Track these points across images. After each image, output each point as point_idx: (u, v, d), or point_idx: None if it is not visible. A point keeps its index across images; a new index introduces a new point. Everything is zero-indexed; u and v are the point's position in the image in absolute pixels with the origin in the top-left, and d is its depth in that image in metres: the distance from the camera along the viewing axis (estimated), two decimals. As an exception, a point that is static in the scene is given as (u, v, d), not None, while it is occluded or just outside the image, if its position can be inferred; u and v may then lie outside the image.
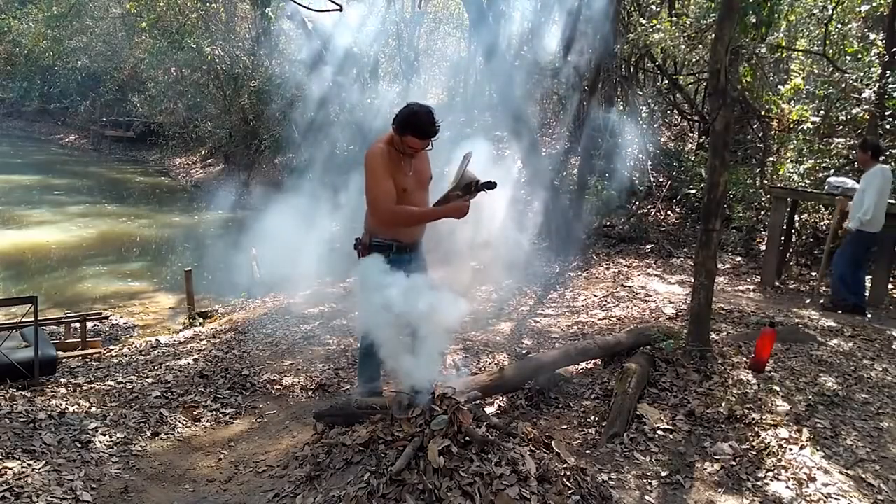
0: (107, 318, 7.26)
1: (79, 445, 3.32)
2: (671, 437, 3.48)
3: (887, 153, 8.00)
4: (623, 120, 9.82)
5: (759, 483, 3.08)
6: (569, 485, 2.63)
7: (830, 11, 9.09)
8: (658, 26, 9.11)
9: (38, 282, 9.49)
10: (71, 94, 26.13)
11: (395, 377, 3.27)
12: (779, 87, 9.99)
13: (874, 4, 8.70)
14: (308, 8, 4.95)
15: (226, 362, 4.99)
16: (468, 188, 3.14)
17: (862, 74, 8.25)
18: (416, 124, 3.15)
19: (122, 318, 7.88)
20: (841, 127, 8.59)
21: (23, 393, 3.96)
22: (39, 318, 4.37)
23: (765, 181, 8.89)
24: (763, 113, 9.79)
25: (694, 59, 10.73)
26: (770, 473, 3.13)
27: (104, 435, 3.48)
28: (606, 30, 8.75)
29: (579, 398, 4.01)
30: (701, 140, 10.44)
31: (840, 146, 8.48)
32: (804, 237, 8.36)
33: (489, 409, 3.79)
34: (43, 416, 3.54)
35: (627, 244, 8.69)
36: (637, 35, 9.31)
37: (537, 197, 8.39)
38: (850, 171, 8.25)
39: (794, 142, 9.00)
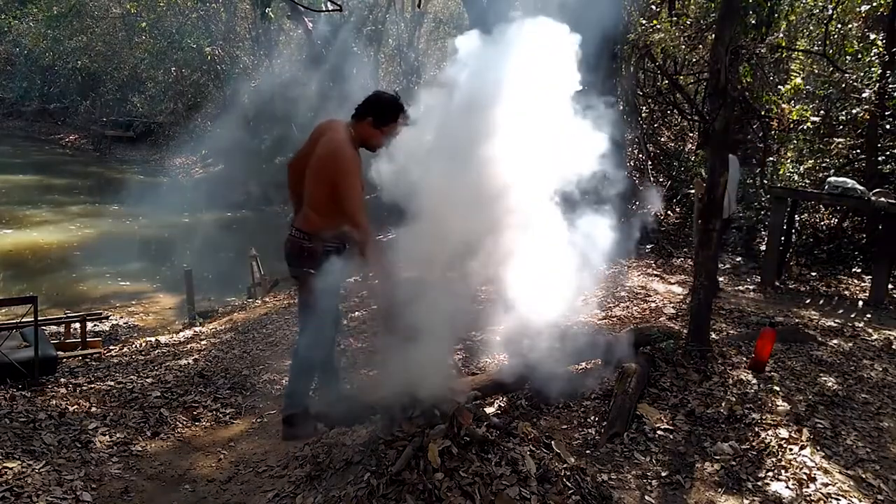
0: (107, 318, 7.26)
1: (79, 445, 3.32)
2: (671, 437, 3.48)
3: (888, 153, 8.01)
4: (623, 119, 9.81)
5: (760, 483, 3.08)
6: (569, 485, 2.63)
7: (830, 11, 9.08)
8: (658, 26, 9.11)
9: (38, 282, 9.49)
10: (71, 94, 26.14)
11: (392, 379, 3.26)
12: (779, 87, 9.99)
13: (874, 4, 8.69)
14: (308, 8, 4.95)
15: (226, 362, 4.99)
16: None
17: (862, 74, 8.25)
18: (400, 105, 3.12)
19: (122, 318, 7.89)
20: (841, 127, 8.59)
21: (23, 393, 3.96)
22: (39, 318, 4.37)
23: (765, 181, 8.89)
24: (763, 113, 9.79)
25: (694, 59, 10.73)
26: (770, 473, 3.13)
27: (104, 435, 3.48)
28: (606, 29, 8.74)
29: (579, 398, 4.01)
30: (701, 140, 10.44)
31: (840, 146, 8.48)
32: (804, 237, 8.37)
33: (489, 409, 3.79)
34: (43, 416, 3.54)
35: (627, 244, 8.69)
36: (637, 35, 9.30)
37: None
38: (850, 171, 8.26)
39: (795, 142, 9.00)
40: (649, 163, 10.44)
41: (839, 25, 9.38)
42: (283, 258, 3.46)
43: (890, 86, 7.55)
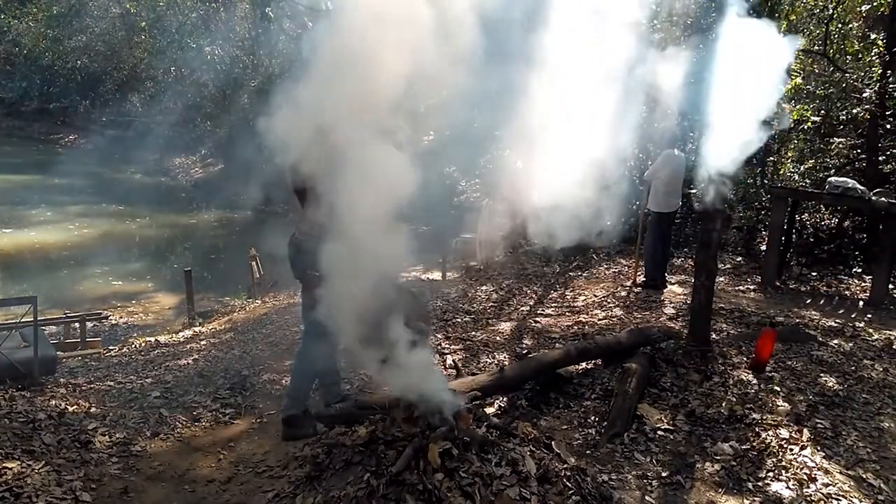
0: (106, 318, 7.26)
1: (78, 445, 3.31)
2: (671, 437, 3.48)
3: (888, 153, 8.01)
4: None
5: (760, 483, 3.08)
6: (569, 485, 2.63)
7: (831, 11, 9.07)
8: (657, 26, 9.10)
9: (38, 282, 9.48)
10: (70, 93, 26.13)
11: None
12: (779, 86, 9.97)
13: (875, 4, 8.68)
14: (308, 7, 4.95)
15: (225, 362, 4.98)
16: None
17: (862, 74, 8.24)
18: None
19: (121, 318, 7.89)
20: (841, 127, 8.57)
21: (22, 393, 3.95)
22: (39, 318, 4.36)
23: (765, 181, 8.88)
24: (763, 113, 9.77)
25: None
26: (771, 474, 3.13)
27: (104, 435, 3.47)
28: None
29: (579, 398, 4.01)
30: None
31: (840, 146, 8.48)
32: (805, 237, 8.37)
33: (489, 409, 3.79)
34: (42, 416, 3.53)
35: (628, 244, 8.68)
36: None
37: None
38: (851, 171, 8.26)
39: (795, 142, 8.99)
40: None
41: (840, 25, 9.37)
42: (287, 260, 3.48)
43: (890, 86, 7.54)
